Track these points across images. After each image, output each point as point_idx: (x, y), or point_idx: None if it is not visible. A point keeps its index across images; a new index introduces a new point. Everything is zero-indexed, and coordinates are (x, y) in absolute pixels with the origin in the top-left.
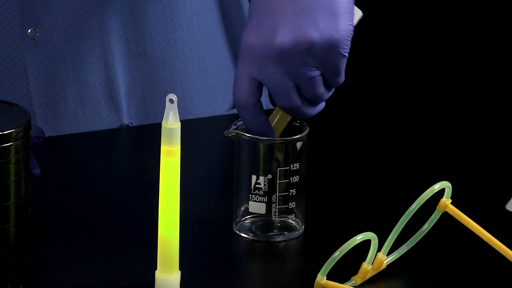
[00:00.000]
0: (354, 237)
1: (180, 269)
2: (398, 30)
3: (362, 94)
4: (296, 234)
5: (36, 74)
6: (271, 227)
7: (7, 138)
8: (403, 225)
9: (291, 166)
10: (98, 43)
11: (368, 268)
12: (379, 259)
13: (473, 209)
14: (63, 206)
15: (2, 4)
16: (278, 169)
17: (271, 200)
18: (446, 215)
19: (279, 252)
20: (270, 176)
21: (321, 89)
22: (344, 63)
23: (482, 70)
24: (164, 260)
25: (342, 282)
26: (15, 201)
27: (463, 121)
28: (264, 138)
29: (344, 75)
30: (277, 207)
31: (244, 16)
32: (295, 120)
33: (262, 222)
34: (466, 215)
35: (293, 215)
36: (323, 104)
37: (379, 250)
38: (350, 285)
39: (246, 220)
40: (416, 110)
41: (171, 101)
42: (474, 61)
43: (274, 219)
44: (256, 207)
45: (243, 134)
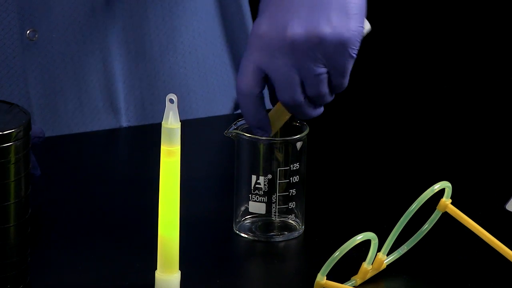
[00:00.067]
0: (354, 237)
1: (180, 269)
2: (398, 30)
3: (362, 94)
4: (296, 234)
5: (34, 75)
6: (271, 227)
7: (7, 138)
8: (403, 225)
9: (291, 166)
10: (98, 45)
11: (368, 268)
12: (379, 259)
13: (473, 209)
14: (63, 206)
15: (1, 5)
16: (278, 169)
17: (271, 200)
18: (446, 215)
19: (279, 252)
20: (270, 176)
21: (325, 88)
22: (351, 64)
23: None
24: (164, 260)
25: (342, 282)
26: (15, 201)
27: (463, 121)
28: (264, 138)
29: (348, 79)
30: (277, 207)
31: (244, 21)
32: (295, 120)
33: (262, 222)
34: (466, 215)
35: (293, 215)
36: (322, 109)
37: (379, 250)
38: (350, 285)
39: (246, 220)
40: (416, 110)
41: (171, 101)
42: (474, 61)
43: (274, 219)
44: (256, 207)
45: (243, 134)
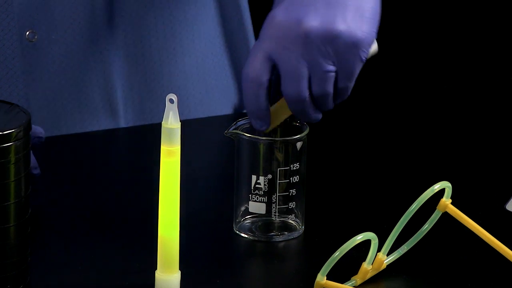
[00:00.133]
0: (354, 237)
1: (180, 269)
2: (398, 30)
3: (362, 94)
4: (296, 234)
5: (33, 77)
6: (271, 227)
7: (7, 138)
8: (403, 225)
9: (291, 166)
10: (97, 47)
11: (368, 268)
12: (379, 259)
13: (473, 209)
14: (63, 206)
15: (0, 7)
16: (278, 169)
17: (271, 200)
18: (446, 215)
19: (279, 252)
20: (270, 176)
21: (330, 88)
22: (359, 68)
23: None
24: (164, 260)
25: (342, 282)
26: (15, 201)
27: (463, 121)
28: (264, 138)
29: (352, 86)
30: (277, 207)
31: (243, 22)
32: (295, 120)
33: (262, 222)
34: (466, 215)
35: (293, 215)
36: (320, 115)
37: (379, 250)
38: (350, 285)
39: (246, 220)
40: (416, 110)
41: (171, 101)
42: (474, 61)
43: (274, 219)
44: (256, 207)
45: (243, 134)
